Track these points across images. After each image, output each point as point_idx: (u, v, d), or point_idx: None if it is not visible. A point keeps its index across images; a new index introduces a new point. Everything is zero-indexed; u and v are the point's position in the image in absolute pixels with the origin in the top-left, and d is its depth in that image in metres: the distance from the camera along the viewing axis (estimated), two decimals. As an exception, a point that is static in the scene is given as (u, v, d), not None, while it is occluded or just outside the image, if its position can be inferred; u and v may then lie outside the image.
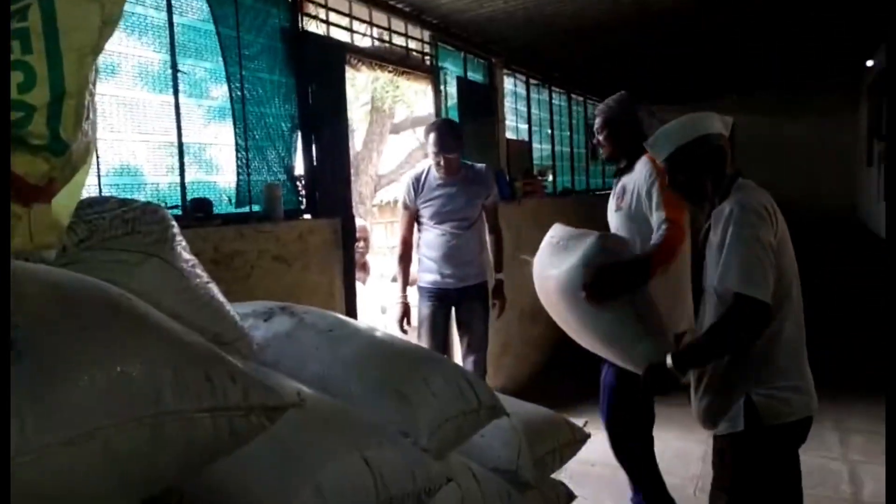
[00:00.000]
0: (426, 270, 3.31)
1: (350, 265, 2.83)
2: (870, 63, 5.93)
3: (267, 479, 1.03)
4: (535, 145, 5.52)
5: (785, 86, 7.16)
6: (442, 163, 3.14)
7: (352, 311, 2.86)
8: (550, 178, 5.64)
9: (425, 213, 3.26)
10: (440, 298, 3.27)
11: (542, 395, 3.15)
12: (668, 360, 1.87)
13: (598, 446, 3.33)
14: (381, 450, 1.24)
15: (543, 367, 4.77)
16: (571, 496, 2.18)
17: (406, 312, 3.35)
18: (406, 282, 3.40)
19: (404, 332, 3.41)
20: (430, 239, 3.26)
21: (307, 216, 2.74)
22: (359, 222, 4.17)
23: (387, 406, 1.42)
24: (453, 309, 3.33)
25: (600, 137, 2.66)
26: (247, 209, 2.48)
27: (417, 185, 3.24)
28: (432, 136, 3.13)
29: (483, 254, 3.35)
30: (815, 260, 5.76)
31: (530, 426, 1.96)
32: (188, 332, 1.00)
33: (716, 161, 1.91)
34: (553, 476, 2.14)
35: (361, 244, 4.02)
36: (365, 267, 4.09)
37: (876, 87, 5.69)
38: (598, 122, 2.64)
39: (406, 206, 3.32)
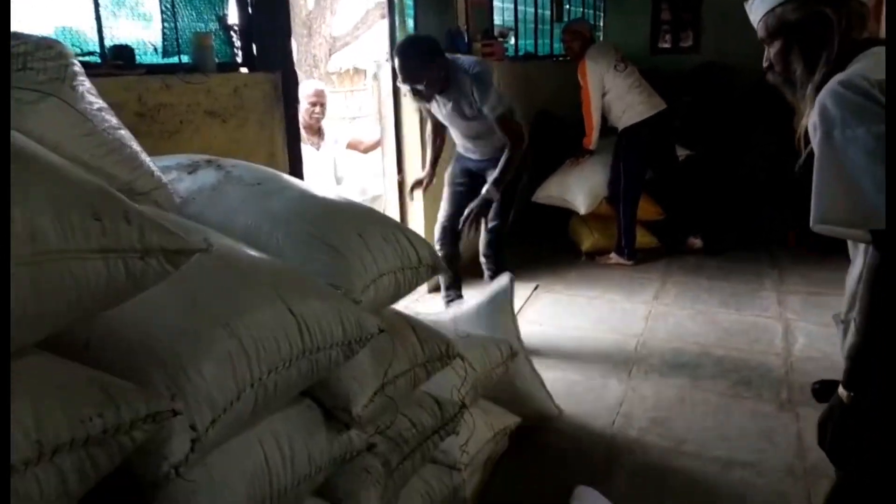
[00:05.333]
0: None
1: (293, 123, 2.68)
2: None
3: (174, 325, 0.99)
4: (497, 4, 5.21)
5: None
6: (412, 96, 2.87)
7: (297, 173, 2.75)
8: (512, 40, 5.39)
9: None
10: (465, 167, 3.16)
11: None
12: None
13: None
14: (307, 299, 1.20)
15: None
16: (515, 353, 2.24)
17: (419, 184, 3.32)
18: (433, 157, 3.32)
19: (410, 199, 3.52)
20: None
21: (244, 70, 2.55)
22: (317, 85, 3.94)
23: (317, 259, 1.37)
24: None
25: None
26: (175, 60, 2.29)
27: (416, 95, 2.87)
28: (395, 62, 2.77)
29: None
30: (770, 125, 5.76)
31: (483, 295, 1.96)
32: (78, 171, 0.91)
33: (813, 32, 1.29)
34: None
35: (318, 108, 3.83)
36: (320, 132, 3.92)
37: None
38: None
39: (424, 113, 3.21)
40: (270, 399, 1.14)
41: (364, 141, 4.08)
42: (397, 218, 3.85)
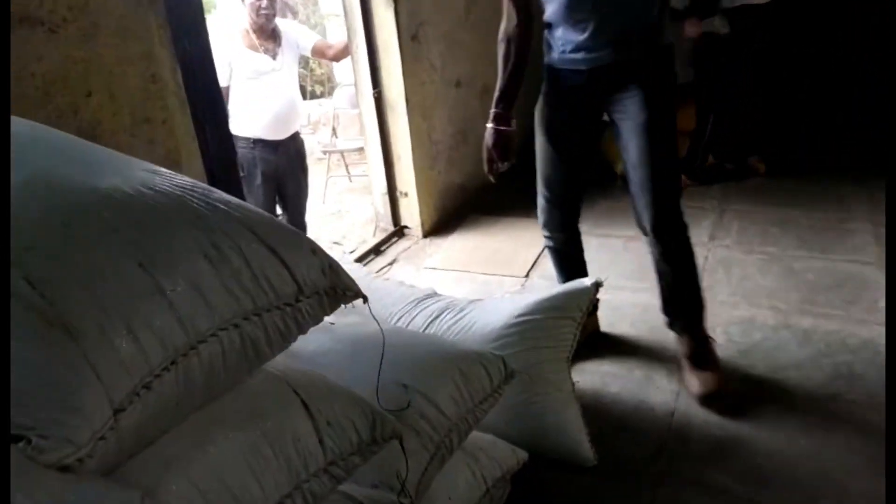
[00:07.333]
0: None
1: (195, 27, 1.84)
2: None
3: None
4: None
5: None
6: None
7: (210, 98, 1.94)
8: None
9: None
10: (570, 87, 1.86)
11: (501, 197, 2.35)
12: None
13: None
14: None
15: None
16: (511, 373, 1.49)
17: (502, 142, 1.83)
18: (506, 84, 1.82)
19: (494, 170, 1.87)
20: None
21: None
22: (267, -31, 3.02)
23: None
24: None
25: None
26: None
27: None
28: None
29: None
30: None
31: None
32: None
33: None
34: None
35: (265, 2, 2.93)
36: (274, 35, 3.04)
37: None
38: None
39: None
40: None
41: (333, 45, 3.19)
42: (377, 145, 3.02)
